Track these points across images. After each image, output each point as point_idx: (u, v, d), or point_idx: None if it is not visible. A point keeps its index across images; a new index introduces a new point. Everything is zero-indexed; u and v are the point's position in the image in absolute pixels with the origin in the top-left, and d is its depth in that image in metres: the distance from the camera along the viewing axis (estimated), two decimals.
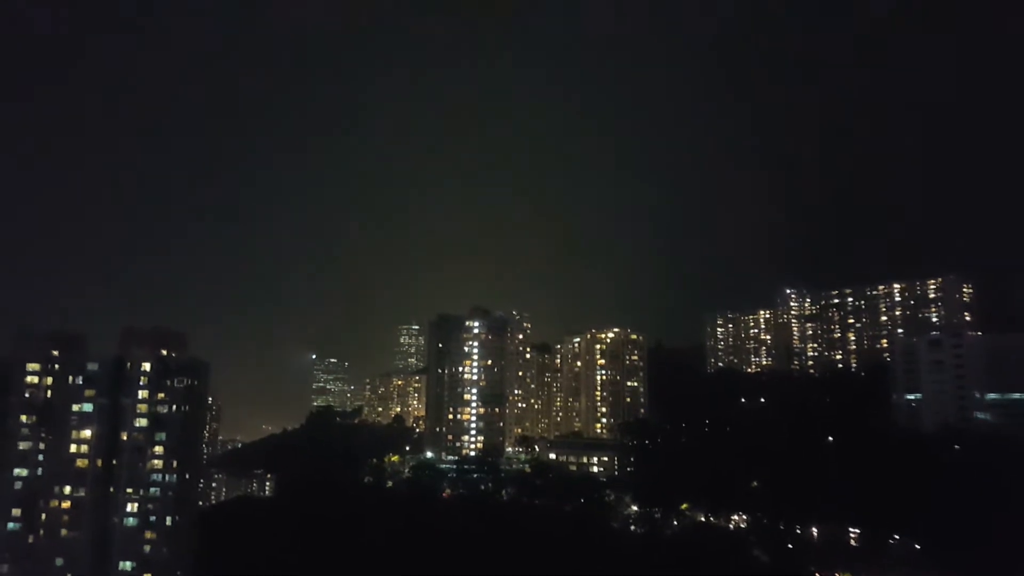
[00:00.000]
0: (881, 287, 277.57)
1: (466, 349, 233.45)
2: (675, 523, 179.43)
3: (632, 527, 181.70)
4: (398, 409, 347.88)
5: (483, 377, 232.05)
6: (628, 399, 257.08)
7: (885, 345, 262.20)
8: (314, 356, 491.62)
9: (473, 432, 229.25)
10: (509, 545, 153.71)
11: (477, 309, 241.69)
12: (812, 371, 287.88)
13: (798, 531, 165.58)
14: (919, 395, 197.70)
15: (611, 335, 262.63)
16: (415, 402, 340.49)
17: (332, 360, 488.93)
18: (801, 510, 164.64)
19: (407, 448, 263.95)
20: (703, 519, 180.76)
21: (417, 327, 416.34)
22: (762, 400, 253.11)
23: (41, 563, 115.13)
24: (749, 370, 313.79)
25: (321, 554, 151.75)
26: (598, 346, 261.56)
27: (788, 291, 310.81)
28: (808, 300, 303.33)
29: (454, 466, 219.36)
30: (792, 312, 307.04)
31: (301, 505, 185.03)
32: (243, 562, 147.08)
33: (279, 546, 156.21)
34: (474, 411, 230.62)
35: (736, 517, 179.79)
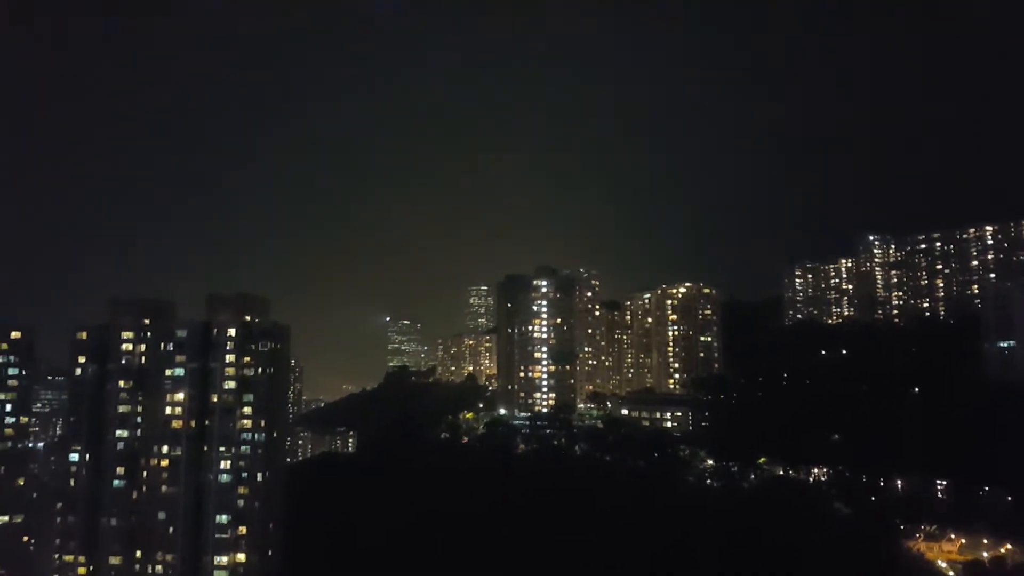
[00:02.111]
0: (972, 230, 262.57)
1: (534, 308, 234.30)
2: (753, 477, 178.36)
3: (708, 481, 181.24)
4: (470, 368, 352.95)
5: (552, 335, 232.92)
6: (701, 354, 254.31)
7: (976, 291, 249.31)
8: (388, 318, 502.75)
9: (544, 389, 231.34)
10: (583, 499, 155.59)
11: (544, 268, 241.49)
12: (897, 320, 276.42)
13: (881, 483, 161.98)
14: (1012, 343, 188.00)
15: (682, 290, 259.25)
16: (486, 361, 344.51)
17: (405, 322, 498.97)
18: (885, 462, 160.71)
19: (480, 405, 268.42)
20: (781, 472, 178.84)
21: (486, 288, 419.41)
22: (844, 352, 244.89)
23: (145, 517, 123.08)
24: (829, 322, 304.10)
25: (401, 506, 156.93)
26: (669, 301, 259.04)
27: (871, 238, 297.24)
28: (892, 246, 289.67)
29: (527, 422, 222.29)
30: (875, 260, 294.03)
31: (382, 460, 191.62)
32: (329, 514, 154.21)
33: (362, 499, 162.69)
34: (545, 369, 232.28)
35: (816, 470, 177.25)
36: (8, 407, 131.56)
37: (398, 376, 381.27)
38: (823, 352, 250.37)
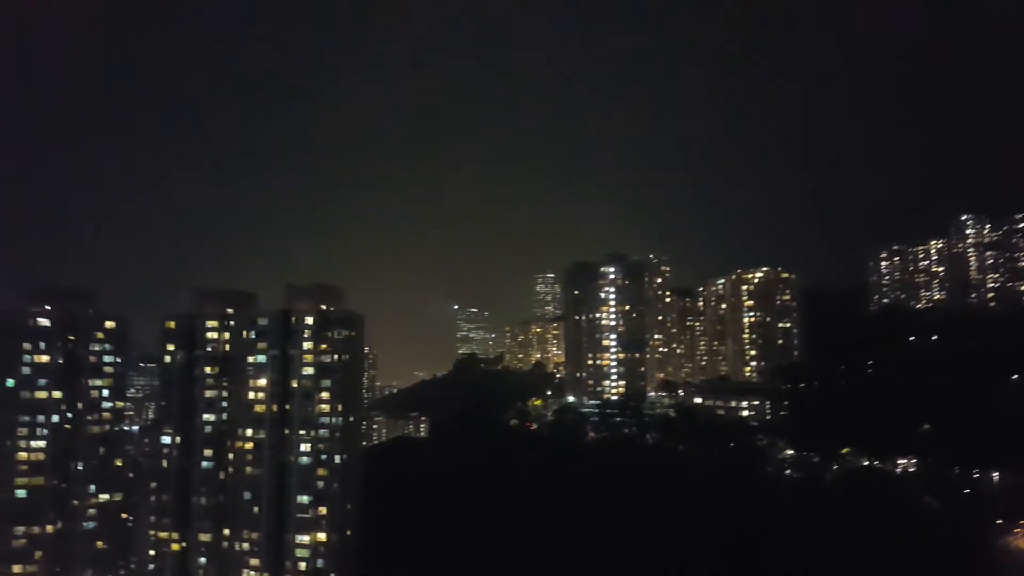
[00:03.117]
0: None
1: (602, 295, 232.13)
2: (835, 468, 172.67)
3: (787, 472, 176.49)
4: (538, 355, 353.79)
5: (621, 323, 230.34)
6: (780, 341, 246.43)
7: None
8: (456, 306, 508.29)
9: (614, 377, 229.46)
10: (655, 488, 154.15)
11: (612, 255, 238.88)
12: (992, 304, 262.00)
13: (976, 476, 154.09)
14: None
15: (759, 275, 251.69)
16: (554, 348, 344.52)
17: (473, 310, 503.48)
18: (980, 453, 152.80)
19: (548, 393, 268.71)
20: (866, 463, 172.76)
21: (553, 275, 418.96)
22: (934, 338, 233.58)
23: (231, 497, 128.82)
24: (918, 306, 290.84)
25: (472, 491, 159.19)
26: (745, 287, 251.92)
27: (964, 218, 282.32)
28: (988, 226, 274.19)
29: (596, 410, 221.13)
30: (968, 240, 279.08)
31: (453, 445, 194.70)
32: (403, 497, 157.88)
33: (435, 482, 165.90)
34: (614, 356, 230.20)
35: (904, 461, 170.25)
36: (105, 392, 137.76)
37: (467, 363, 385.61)
38: (911, 338, 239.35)
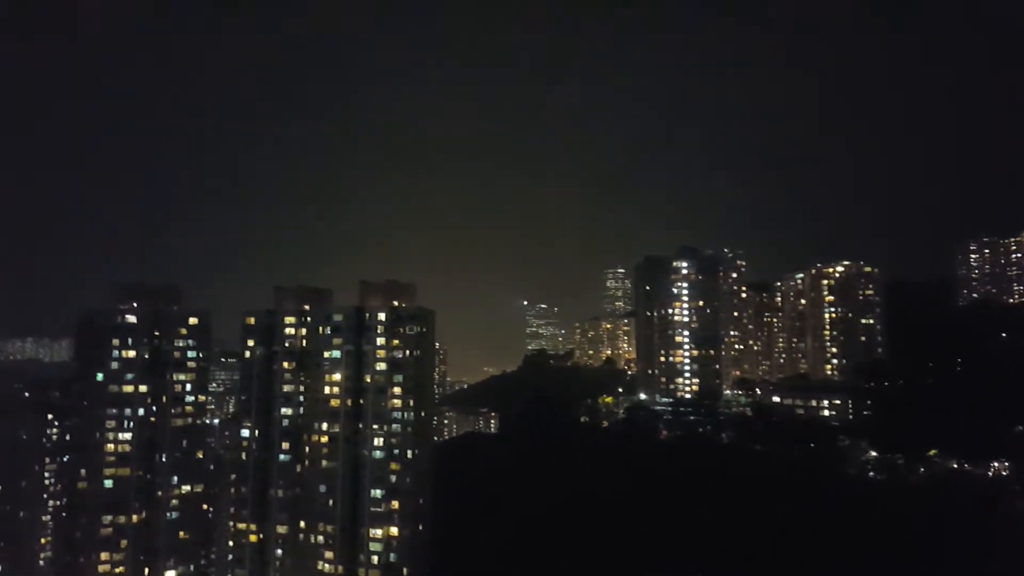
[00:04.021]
0: None
1: (674, 290, 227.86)
2: (922, 471, 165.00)
3: (871, 474, 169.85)
4: (608, 352, 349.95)
5: (694, 318, 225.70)
6: (863, 338, 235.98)
7: None
8: (525, 302, 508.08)
9: (687, 374, 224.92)
10: (731, 488, 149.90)
11: (685, 249, 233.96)
12: None
13: None
14: None
15: (840, 269, 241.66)
16: (625, 345, 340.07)
17: (542, 306, 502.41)
18: None
19: (619, 390, 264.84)
20: (955, 466, 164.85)
21: (623, 271, 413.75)
22: None
23: (307, 489, 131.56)
24: (1011, 301, 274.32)
25: (543, 487, 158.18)
26: (825, 281, 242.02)
27: None
28: None
29: (669, 408, 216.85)
30: None
31: (524, 441, 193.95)
32: (474, 492, 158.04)
33: (506, 478, 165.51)
34: (687, 353, 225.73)
35: (996, 464, 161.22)
36: (188, 387, 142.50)
37: (537, 359, 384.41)
38: (1003, 335, 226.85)
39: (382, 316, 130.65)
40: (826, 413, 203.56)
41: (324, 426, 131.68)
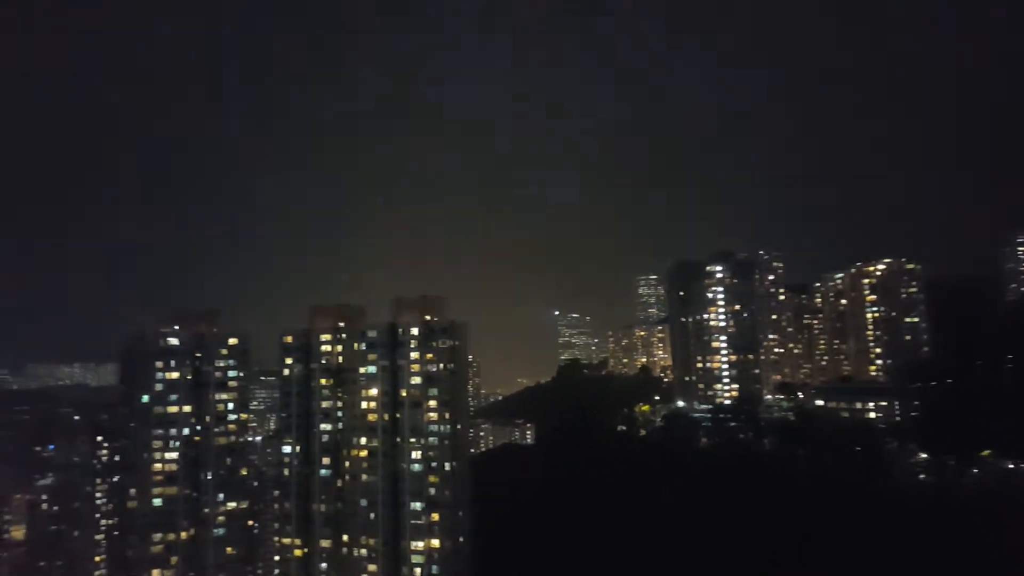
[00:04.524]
0: None
1: (709, 295, 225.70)
2: (974, 471, 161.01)
3: (921, 477, 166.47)
4: (643, 360, 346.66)
5: (731, 323, 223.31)
6: (907, 337, 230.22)
7: None
8: (557, 312, 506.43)
9: (725, 380, 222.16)
10: (774, 495, 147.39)
11: (719, 253, 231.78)
12: None
13: None
14: None
15: (882, 267, 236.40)
16: (660, 352, 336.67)
17: (575, 315, 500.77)
18: None
19: (656, 398, 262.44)
20: (1011, 466, 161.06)
21: (655, 277, 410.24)
22: None
23: (348, 503, 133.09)
24: None
25: (582, 498, 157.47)
26: (866, 280, 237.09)
27: None
28: None
29: (707, 415, 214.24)
30: None
31: (561, 452, 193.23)
32: (513, 503, 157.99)
33: (544, 489, 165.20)
34: (724, 359, 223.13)
35: None
36: (230, 405, 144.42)
37: (570, 369, 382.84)
38: None
39: (415, 331, 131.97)
40: (872, 415, 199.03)
41: (363, 441, 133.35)
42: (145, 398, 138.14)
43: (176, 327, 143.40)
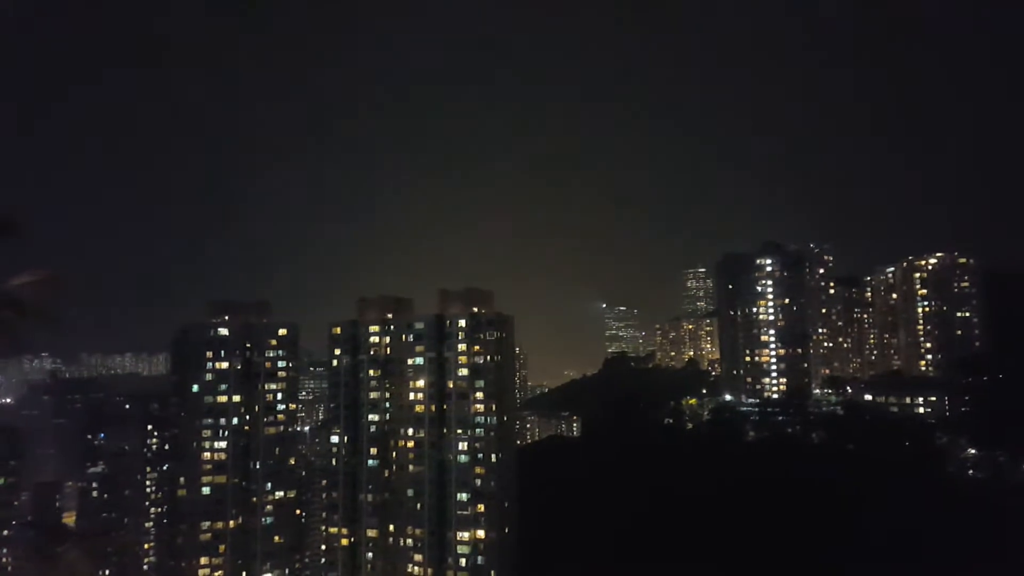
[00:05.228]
0: None
1: (759, 288, 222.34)
2: None
3: (971, 472, 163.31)
4: (691, 353, 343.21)
5: (780, 316, 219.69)
6: (959, 332, 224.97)
7: None
8: (604, 305, 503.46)
9: (774, 373, 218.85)
10: (823, 489, 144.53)
11: (768, 245, 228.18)
12: None
13: None
14: None
15: (934, 261, 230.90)
16: (708, 345, 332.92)
17: (621, 308, 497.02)
18: None
19: (703, 391, 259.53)
20: None
21: (704, 270, 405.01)
22: None
23: (395, 493, 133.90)
24: None
25: (629, 490, 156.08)
26: (918, 274, 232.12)
27: None
28: None
29: (755, 408, 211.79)
30: None
31: (607, 444, 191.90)
32: (558, 495, 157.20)
33: (590, 481, 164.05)
34: (773, 352, 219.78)
35: None
36: (279, 396, 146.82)
37: (617, 362, 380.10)
38: None
39: (462, 323, 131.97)
40: (921, 410, 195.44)
41: (410, 431, 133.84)
42: (195, 387, 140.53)
43: (226, 317, 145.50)
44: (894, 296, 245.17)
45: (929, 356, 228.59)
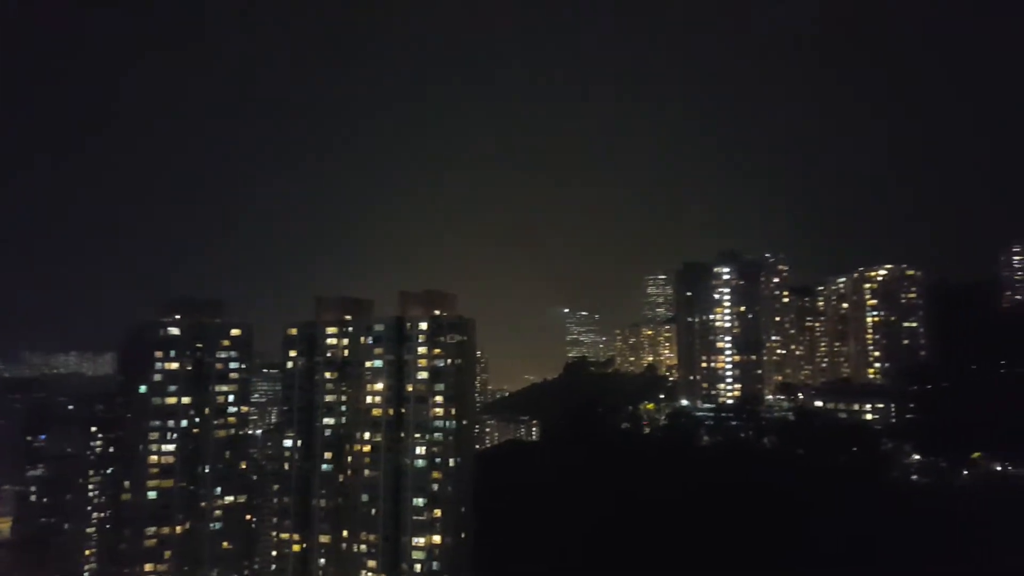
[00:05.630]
0: None
1: (716, 296, 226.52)
2: (965, 473, 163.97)
3: (914, 477, 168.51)
4: (650, 359, 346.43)
5: (736, 324, 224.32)
6: (906, 341, 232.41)
7: None
8: (566, 310, 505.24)
9: (729, 380, 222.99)
10: (773, 493, 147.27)
11: (725, 254, 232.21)
12: None
13: None
14: None
15: (883, 272, 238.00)
16: (666, 351, 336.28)
17: (583, 313, 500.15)
18: None
19: (661, 396, 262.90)
20: (999, 468, 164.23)
21: (664, 277, 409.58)
22: None
23: (350, 498, 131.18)
24: None
25: (585, 494, 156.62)
26: (868, 285, 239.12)
27: None
28: None
29: (710, 414, 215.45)
30: None
31: (564, 448, 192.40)
32: (516, 499, 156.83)
33: (547, 486, 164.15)
34: (728, 359, 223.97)
35: None
36: (231, 398, 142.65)
37: (578, 367, 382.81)
38: None
39: (423, 325, 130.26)
40: (869, 417, 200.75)
41: (366, 435, 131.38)
42: (143, 388, 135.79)
43: (177, 316, 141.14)
44: (845, 306, 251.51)
45: (877, 364, 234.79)
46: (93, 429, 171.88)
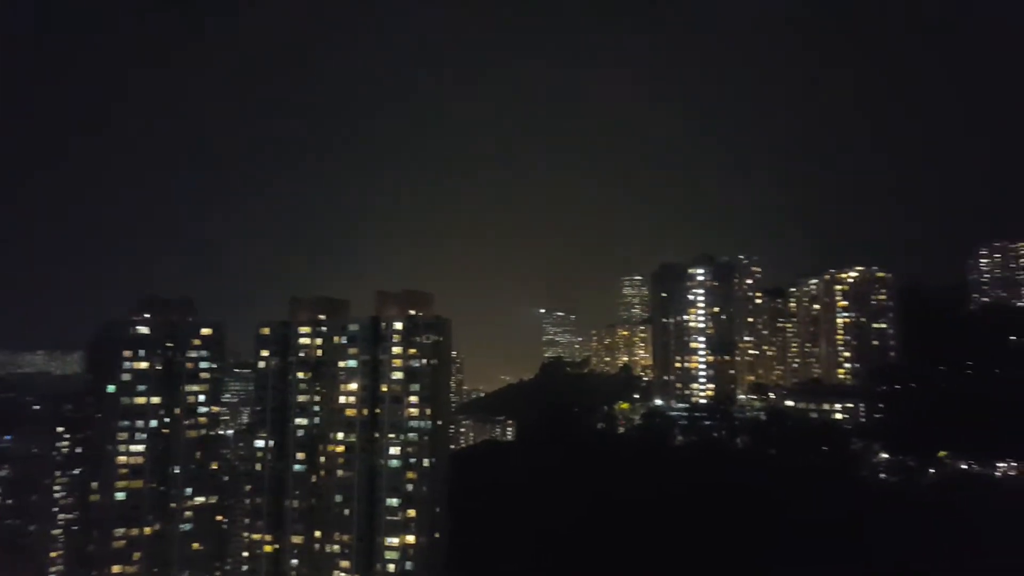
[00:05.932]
0: None
1: (690, 297, 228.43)
2: (931, 472, 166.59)
3: (882, 476, 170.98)
4: (625, 359, 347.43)
5: (710, 325, 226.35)
6: (875, 342, 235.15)
7: None
8: (543, 310, 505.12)
9: (702, 380, 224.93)
10: (745, 492, 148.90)
11: (701, 256, 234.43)
12: None
13: None
14: None
15: (853, 275, 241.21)
16: (641, 352, 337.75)
17: (559, 313, 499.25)
18: None
19: (636, 396, 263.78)
20: (964, 467, 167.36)
21: (640, 278, 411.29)
22: None
23: (323, 499, 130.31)
24: (1021, 304, 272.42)
25: (560, 494, 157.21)
26: (839, 287, 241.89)
27: None
28: None
29: (684, 414, 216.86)
30: None
31: (539, 449, 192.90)
32: (491, 499, 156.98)
33: (522, 486, 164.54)
34: (703, 359, 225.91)
35: (1003, 465, 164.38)
36: (202, 398, 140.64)
37: (553, 367, 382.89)
38: (1012, 338, 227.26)
39: (398, 325, 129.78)
40: (839, 417, 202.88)
41: (340, 436, 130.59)
42: (112, 388, 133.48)
43: (147, 315, 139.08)
44: (816, 307, 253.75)
45: (847, 365, 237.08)
46: (60, 429, 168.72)
